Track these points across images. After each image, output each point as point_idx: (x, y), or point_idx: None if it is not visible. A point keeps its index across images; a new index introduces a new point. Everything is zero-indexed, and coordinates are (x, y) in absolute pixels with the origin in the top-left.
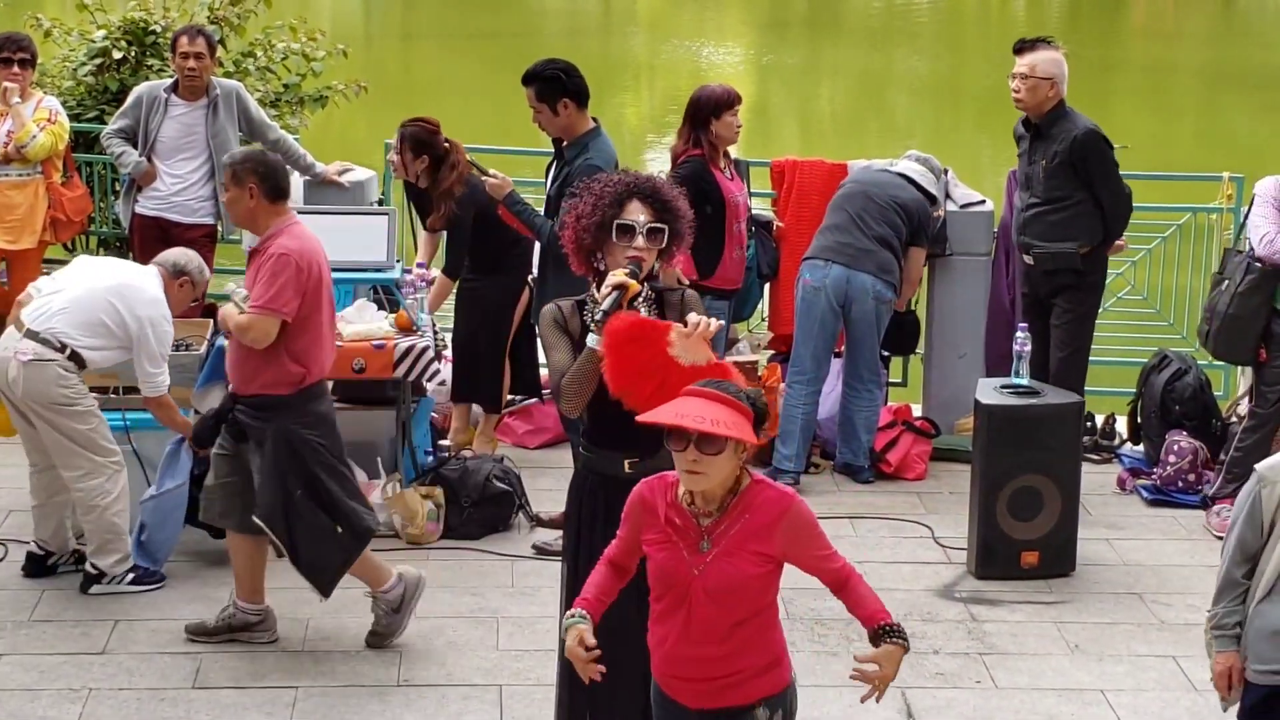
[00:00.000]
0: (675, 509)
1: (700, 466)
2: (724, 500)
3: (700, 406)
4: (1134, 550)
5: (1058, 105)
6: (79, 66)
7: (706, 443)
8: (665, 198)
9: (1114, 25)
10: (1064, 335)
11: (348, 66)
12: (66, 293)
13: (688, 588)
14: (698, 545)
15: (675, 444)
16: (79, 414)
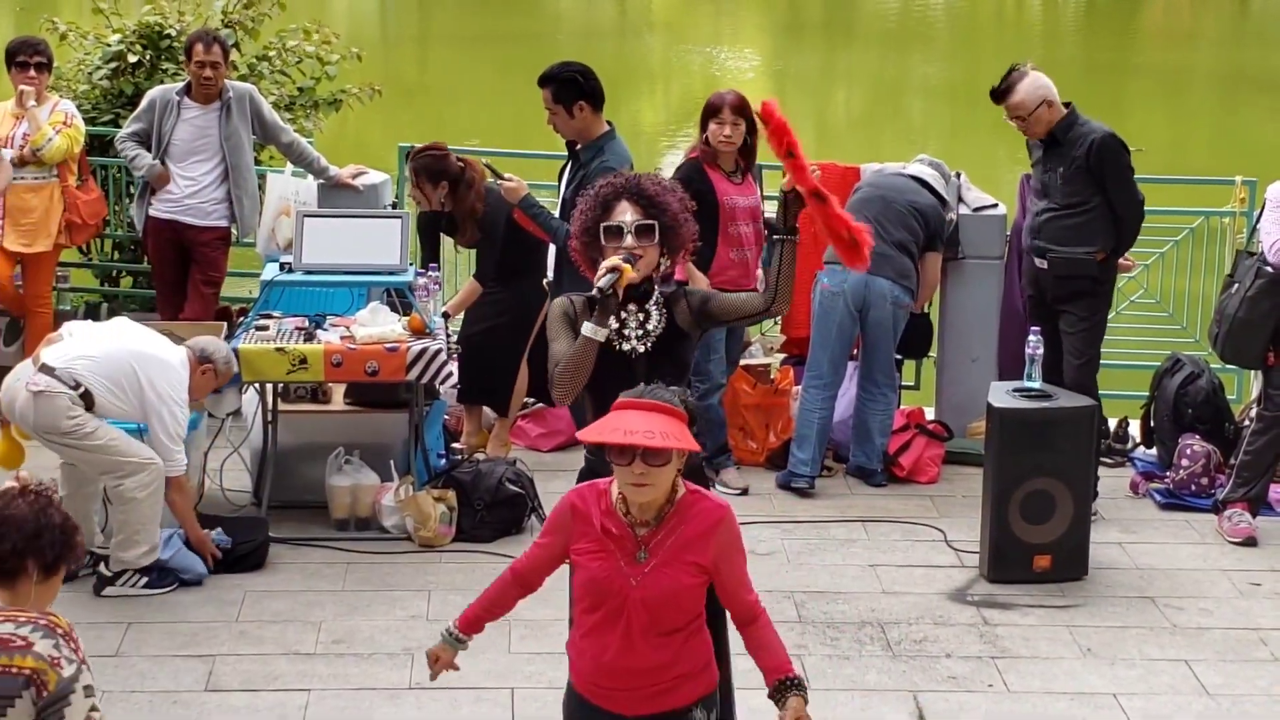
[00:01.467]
0: (611, 518)
1: (647, 479)
2: (661, 510)
3: (640, 419)
4: (1147, 554)
5: (1068, 114)
6: (94, 70)
7: (652, 455)
8: (649, 194)
9: (1129, 28)
10: (1079, 343)
11: (362, 70)
12: (94, 345)
13: (624, 599)
14: (634, 556)
15: (619, 458)
16: (88, 434)
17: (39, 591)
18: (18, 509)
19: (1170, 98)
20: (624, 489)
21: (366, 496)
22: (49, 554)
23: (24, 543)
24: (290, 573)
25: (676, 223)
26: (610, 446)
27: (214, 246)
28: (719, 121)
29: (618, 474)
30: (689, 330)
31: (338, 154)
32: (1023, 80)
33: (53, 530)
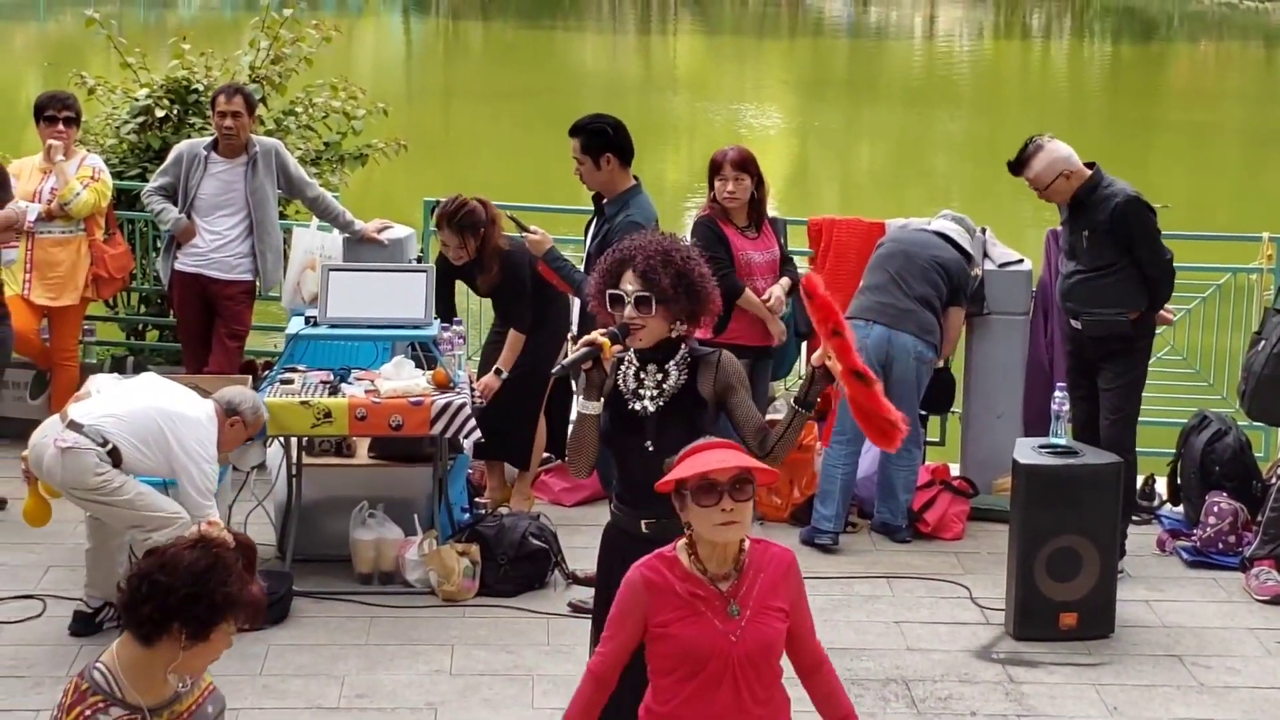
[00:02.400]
0: (690, 581)
1: (735, 515)
2: (738, 560)
3: (719, 456)
4: (1173, 612)
5: (1091, 175)
6: (122, 124)
7: (738, 490)
8: (642, 269)
9: (1155, 85)
10: (1115, 400)
11: (388, 125)
12: (122, 402)
13: (727, 658)
14: (726, 612)
15: (705, 499)
16: (115, 489)
17: (191, 654)
18: (173, 572)
19: (1196, 154)
20: (709, 533)
21: (390, 550)
22: (195, 623)
23: (165, 611)
24: (314, 626)
25: (673, 295)
26: (696, 488)
27: (239, 300)
28: (721, 178)
29: (701, 519)
30: (709, 399)
31: (363, 208)
32: (1039, 154)
33: (202, 599)
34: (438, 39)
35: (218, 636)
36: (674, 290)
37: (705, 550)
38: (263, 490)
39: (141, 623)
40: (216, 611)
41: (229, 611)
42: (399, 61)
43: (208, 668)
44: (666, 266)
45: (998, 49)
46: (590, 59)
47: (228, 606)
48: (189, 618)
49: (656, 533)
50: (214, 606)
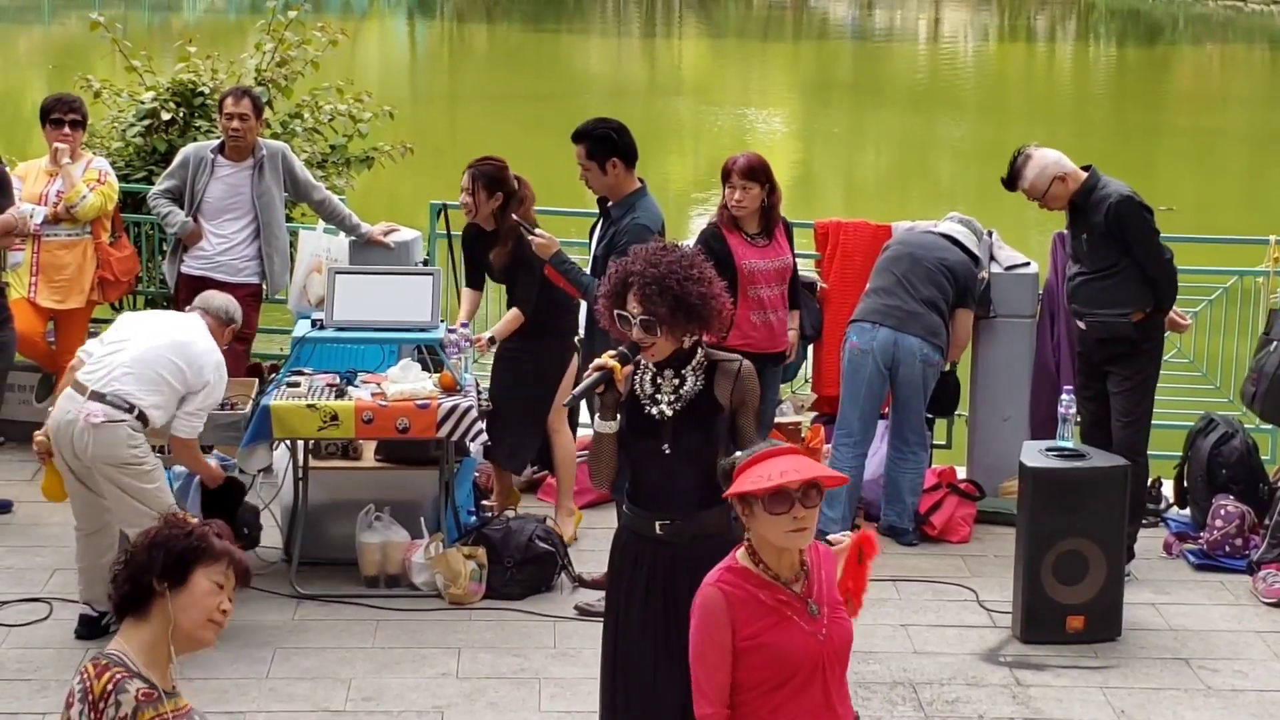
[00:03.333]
0: (770, 588)
1: (805, 522)
2: (803, 558)
3: (786, 463)
4: (1180, 615)
5: (1087, 178)
6: (128, 127)
7: (808, 496)
8: (639, 295)
9: (1159, 89)
10: (1125, 403)
11: (394, 128)
12: (126, 352)
13: (818, 658)
14: (807, 613)
15: (777, 507)
16: (146, 473)
17: (179, 606)
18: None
19: (1201, 158)
20: (780, 540)
21: (397, 553)
22: (165, 566)
23: (140, 570)
24: (320, 630)
25: (672, 319)
26: (767, 496)
27: (245, 303)
28: (730, 186)
29: (772, 527)
30: (726, 405)
31: (369, 211)
32: (1028, 163)
33: (168, 546)
34: (442, 42)
35: (197, 583)
36: (673, 315)
37: (772, 556)
38: (269, 493)
39: (126, 599)
40: (186, 552)
41: (196, 553)
42: (404, 65)
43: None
44: (664, 294)
45: (1002, 52)
46: (595, 62)
47: (192, 550)
48: (160, 567)
49: (670, 535)
50: (178, 551)
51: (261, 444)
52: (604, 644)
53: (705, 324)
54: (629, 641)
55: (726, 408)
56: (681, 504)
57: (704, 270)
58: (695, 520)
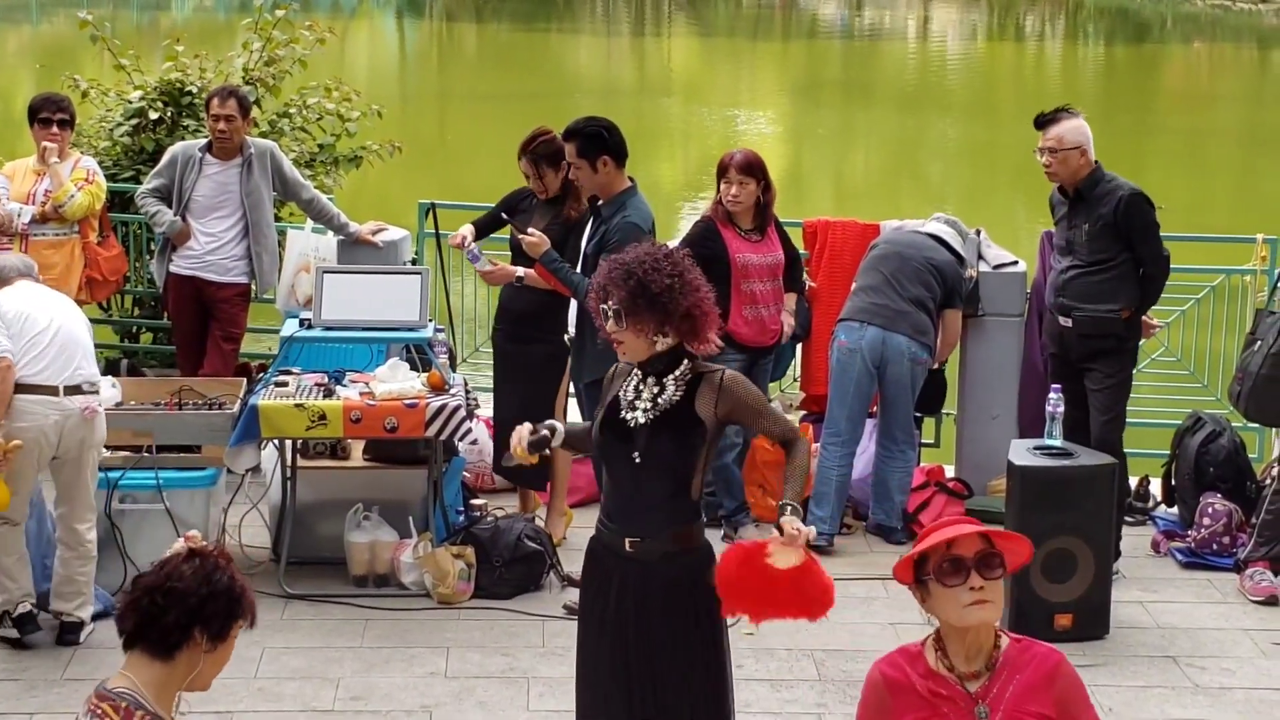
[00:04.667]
0: (934, 679)
1: (986, 594)
2: (990, 657)
3: (962, 528)
4: (1168, 613)
5: (1094, 170)
6: (115, 127)
7: (985, 566)
8: (602, 283)
9: (1148, 88)
10: (1106, 400)
11: (383, 127)
12: (60, 336)
13: None
14: (973, 714)
15: (952, 579)
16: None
17: (211, 659)
18: (183, 579)
19: (1190, 157)
20: (957, 617)
21: (385, 553)
22: (216, 622)
23: (188, 616)
24: (309, 629)
25: (632, 307)
26: (939, 569)
27: (234, 303)
28: (726, 181)
29: (949, 599)
30: (708, 419)
31: (358, 210)
32: (1071, 119)
33: (219, 597)
34: (432, 41)
35: (234, 636)
36: (634, 302)
37: (954, 645)
38: (257, 493)
39: (167, 633)
40: (234, 607)
41: (242, 607)
42: (393, 64)
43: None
44: (627, 279)
45: (991, 51)
46: (585, 61)
47: (241, 601)
48: (209, 619)
49: (640, 553)
50: (232, 602)
51: (249, 443)
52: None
53: (670, 319)
54: (587, 651)
55: (709, 422)
56: (652, 519)
57: (679, 267)
58: (665, 537)
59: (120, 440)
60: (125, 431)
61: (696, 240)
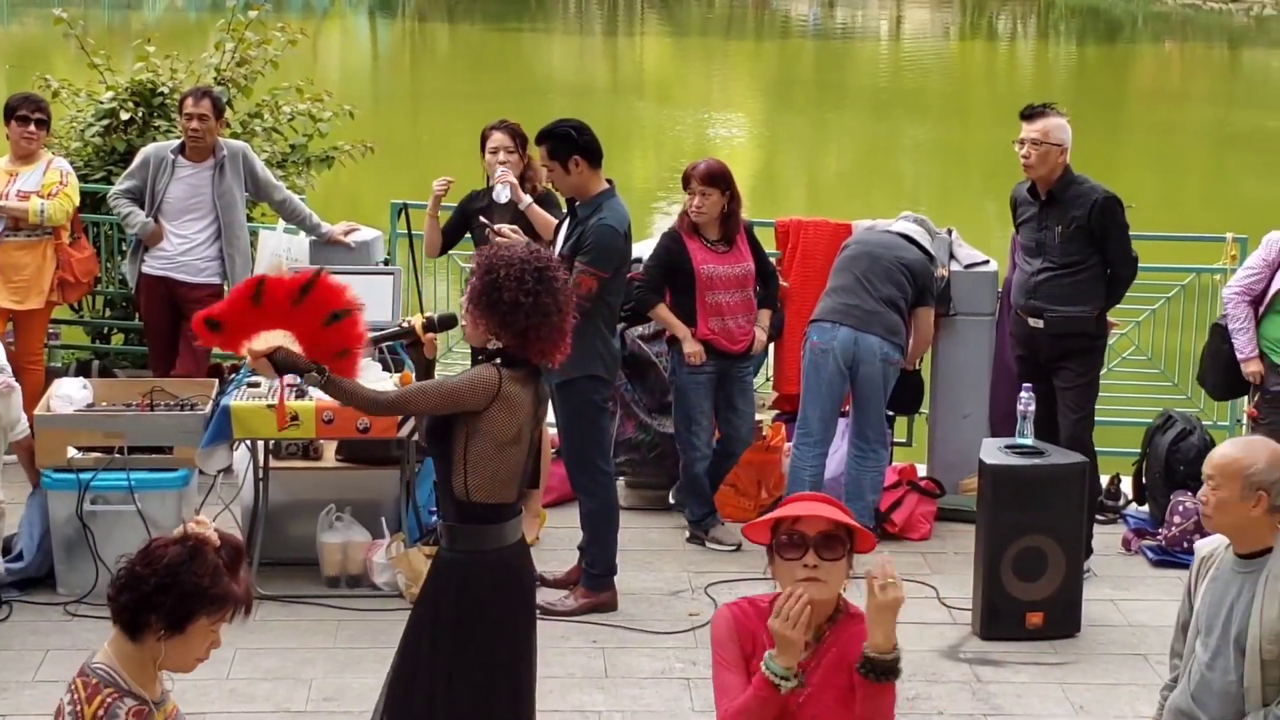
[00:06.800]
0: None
1: (820, 573)
2: (821, 627)
3: (810, 505)
4: (1139, 611)
5: (1065, 171)
6: (86, 127)
7: (825, 547)
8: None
9: (1120, 88)
10: (1077, 399)
11: (355, 127)
12: None
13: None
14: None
15: (790, 552)
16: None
17: (171, 646)
18: (149, 564)
19: (1161, 156)
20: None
21: (358, 553)
22: (167, 613)
23: (139, 601)
24: (281, 630)
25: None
26: (782, 541)
27: (206, 303)
28: (690, 192)
29: (786, 572)
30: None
31: (330, 211)
32: (1056, 117)
33: (173, 589)
34: (404, 41)
35: (195, 631)
36: (480, 298)
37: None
38: (229, 494)
39: (120, 612)
40: (188, 602)
41: (201, 604)
42: (365, 64)
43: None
44: (487, 273)
45: (963, 50)
46: (557, 61)
47: (199, 598)
48: (162, 609)
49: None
50: (185, 597)
51: (221, 444)
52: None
53: (504, 329)
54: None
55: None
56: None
57: (541, 286)
58: (442, 530)
59: (92, 441)
60: (97, 432)
61: (660, 253)
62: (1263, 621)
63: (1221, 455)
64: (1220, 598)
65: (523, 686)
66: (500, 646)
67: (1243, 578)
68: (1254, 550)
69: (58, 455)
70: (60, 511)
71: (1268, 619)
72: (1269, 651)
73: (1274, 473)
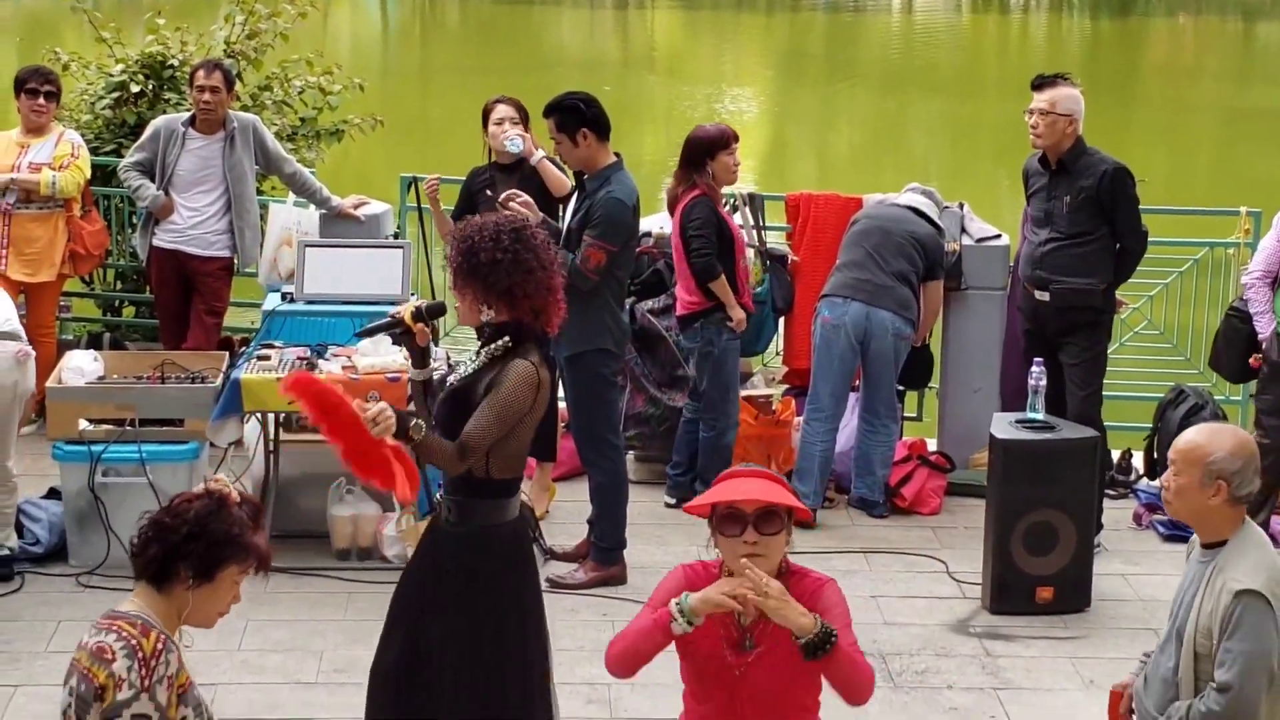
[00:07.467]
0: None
1: (759, 548)
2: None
3: (749, 484)
4: (1150, 586)
5: (1077, 142)
6: (97, 100)
7: (765, 521)
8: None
9: (1133, 63)
10: (1084, 374)
11: (364, 100)
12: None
13: (733, 691)
14: (740, 645)
15: (729, 528)
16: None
17: (199, 596)
18: (176, 516)
19: (1173, 131)
20: (731, 563)
21: (368, 526)
22: (198, 560)
23: (169, 551)
24: (292, 602)
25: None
26: (721, 516)
27: (217, 276)
28: (729, 152)
29: (727, 547)
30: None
31: (340, 184)
32: (1069, 86)
33: (202, 538)
34: (414, 15)
35: (223, 579)
36: (456, 269)
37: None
38: (240, 467)
39: (149, 564)
40: (218, 549)
41: (231, 551)
42: (375, 37)
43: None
44: (461, 243)
45: (975, 24)
46: (568, 35)
47: (229, 545)
48: (191, 556)
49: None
50: (215, 544)
51: (232, 417)
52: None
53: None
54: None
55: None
56: (447, 484)
57: (518, 244)
58: (452, 504)
59: (103, 414)
60: (108, 405)
61: (709, 219)
62: (1199, 615)
63: (1185, 440)
64: (1182, 585)
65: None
66: (513, 621)
67: (1200, 568)
68: (1214, 541)
69: (69, 427)
70: (72, 483)
71: (1204, 613)
72: (1202, 645)
73: (1234, 462)
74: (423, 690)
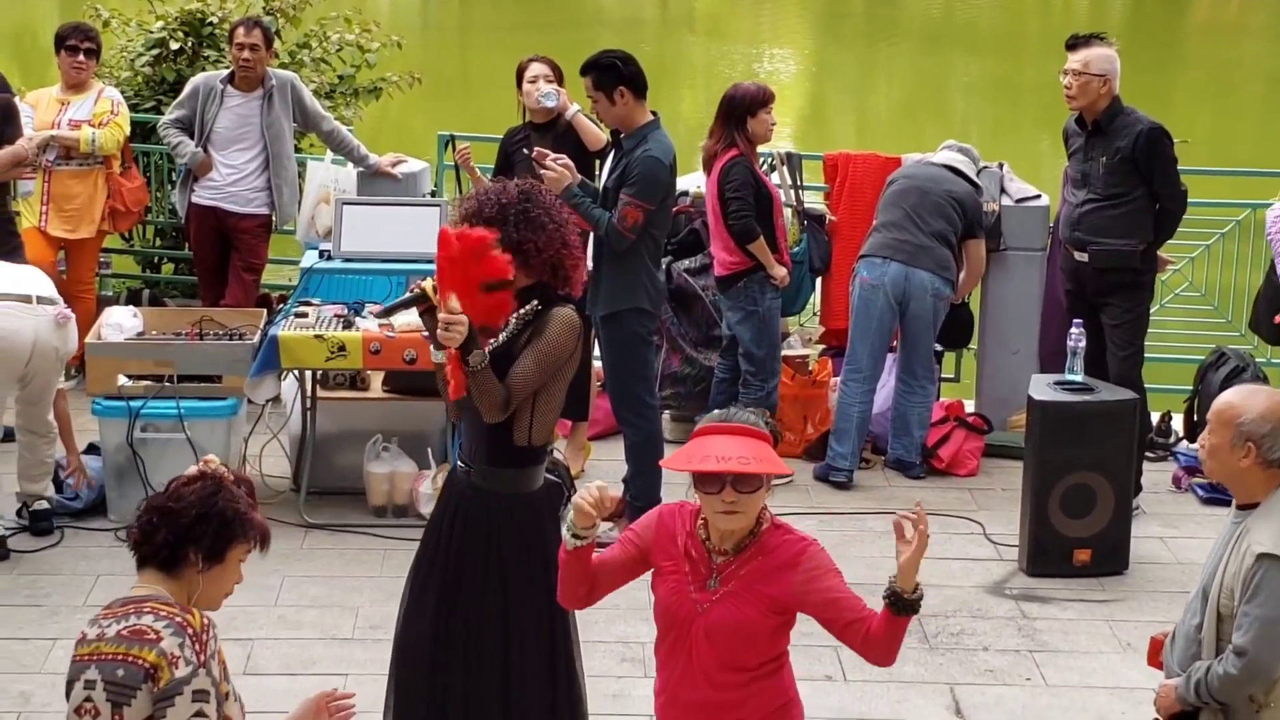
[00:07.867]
0: (693, 540)
1: (737, 507)
2: (743, 540)
3: (728, 445)
4: (1188, 549)
5: (1113, 102)
6: (136, 57)
7: (743, 481)
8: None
9: (1176, 22)
10: (1125, 335)
11: (403, 58)
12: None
13: (689, 626)
14: (705, 582)
15: (708, 486)
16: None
17: (209, 578)
18: (180, 499)
19: (1216, 92)
20: (711, 517)
21: (404, 484)
22: (209, 542)
23: (178, 534)
24: (328, 559)
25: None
26: (699, 474)
27: (255, 234)
28: (768, 110)
29: (705, 502)
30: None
31: (377, 142)
32: (1103, 47)
33: (211, 519)
34: None
35: (232, 559)
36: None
37: (712, 528)
38: (277, 423)
39: (158, 551)
40: (228, 528)
41: (240, 530)
42: None
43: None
44: (468, 211)
45: None
46: None
47: (238, 523)
48: (203, 539)
49: (474, 479)
50: (225, 523)
51: (270, 374)
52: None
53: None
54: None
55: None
56: (478, 453)
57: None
58: (486, 474)
59: (142, 369)
60: (147, 361)
61: (749, 180)
62: (1224, 576)
63: (1221, 400)
64: (1216, 545)
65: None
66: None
67: (1231, 528)
68: (1248, 502)
69: (108, 383)
70: (111, 439)
71: (1229, 574)
72: (1225, 606)
73: (1264, 425)
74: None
